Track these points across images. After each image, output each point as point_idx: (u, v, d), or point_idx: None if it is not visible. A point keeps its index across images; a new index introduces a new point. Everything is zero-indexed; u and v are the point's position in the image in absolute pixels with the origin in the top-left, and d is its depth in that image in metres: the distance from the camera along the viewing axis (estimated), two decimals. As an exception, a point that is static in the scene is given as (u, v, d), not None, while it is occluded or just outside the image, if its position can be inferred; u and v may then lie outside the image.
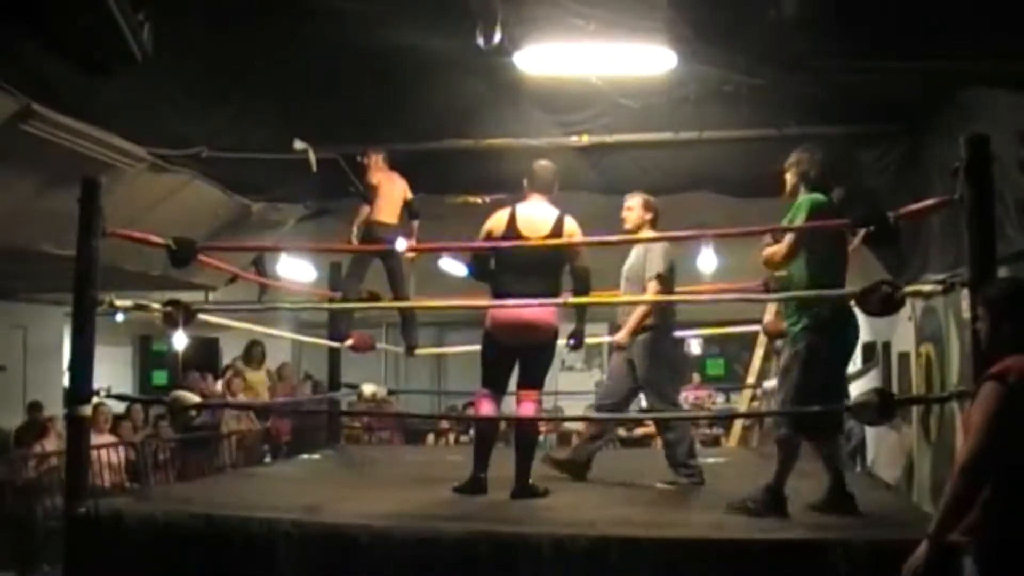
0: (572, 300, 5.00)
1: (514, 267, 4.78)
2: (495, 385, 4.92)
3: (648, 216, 5.43)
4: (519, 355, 4.84)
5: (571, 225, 4.90)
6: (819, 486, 4.29)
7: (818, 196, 4.21)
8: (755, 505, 4.05)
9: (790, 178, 4.36)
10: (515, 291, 4.70)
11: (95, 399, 4.53)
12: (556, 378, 13.26)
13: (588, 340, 5.43)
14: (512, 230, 4.81)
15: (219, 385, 11.36)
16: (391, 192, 6.78)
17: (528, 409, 4.83)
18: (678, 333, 6.25)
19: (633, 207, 5.44)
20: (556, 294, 4.88)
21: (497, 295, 4.85)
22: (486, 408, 4.94)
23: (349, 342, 7.09)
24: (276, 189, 7.92)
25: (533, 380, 4.88)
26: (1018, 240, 4.88)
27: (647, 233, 5.35)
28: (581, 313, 5.23)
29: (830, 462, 4.23)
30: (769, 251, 4.28)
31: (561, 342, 5.09)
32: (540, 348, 4.85)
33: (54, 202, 5.90)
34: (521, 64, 5.67)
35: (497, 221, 4.90)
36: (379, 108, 6.71)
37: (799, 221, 4.17)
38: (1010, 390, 2.76)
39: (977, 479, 2.75)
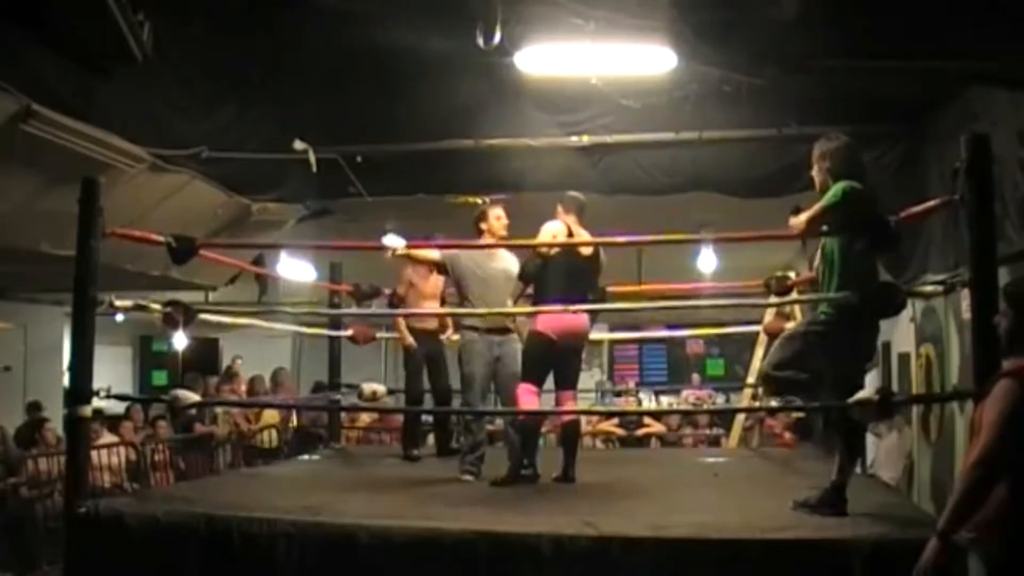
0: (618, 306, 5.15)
1: (573, 276, 5.27)
2: (539, 382, 5.32)
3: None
4: (564, 357, 5.35)
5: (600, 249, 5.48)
6: (815, 484, 4.28)
7: (852, 183, 4.07)
8: (815, 501, 4.01)
9: (818, 174, 4.24)
10: (570, 298, 5.13)
11: (95, 401, 4.51)
12: (556, 378, 13.31)
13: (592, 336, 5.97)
14: (568, 247, 5.26)
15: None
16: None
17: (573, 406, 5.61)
18: (678, 333, 6.64)
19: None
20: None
21: (552, 301, 5.18)
22: (534, 401, 5.28)
23: (349, 332, 7.11)
24: (276, 189, 7.92)
25: (573, 381, 5.48)
26: (1018, 240, 4.88)
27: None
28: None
29: (846, 456, 4.12)
30: (794, 220, 4.16)
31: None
32: (580, 352, 5.54)
33: (54, 202, 5.90)
34: (521, 64, 5.68)
35: (557, 230, 5.31)
36: (379, 108, 6.70)
37: (827, 200, 4.08)
38: None
39: (989, 476, 2.74)
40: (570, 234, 5.31)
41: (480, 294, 5.52)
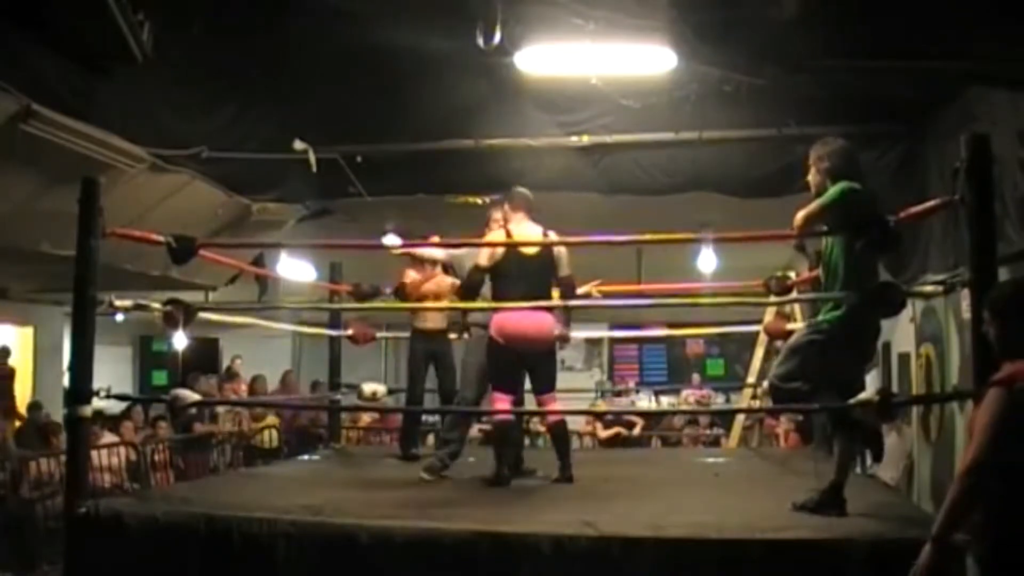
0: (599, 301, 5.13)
1: (513, 281, 5.11)
2: (509, 387, 5.26)
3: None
4: (528, 362, 5.23)
5: (554, 239, 5.24)
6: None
7: (851, 183, 4.05)
8: (813, 504, 4.03)
9: (813, 177, 4.19)
10: (517, 303, 5.03)
11: (95, 401, 4.51)
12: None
13: (590, 336, 5.83)
14: (511, 249, 5.14)
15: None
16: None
17: (557, 408, 5.43)
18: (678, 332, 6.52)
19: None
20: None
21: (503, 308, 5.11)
22: (504, 408, 5.23)
23: (349, 332, 7.11)
24: (276, 189, 7.93)
25: (548, 384, 5.33)
26: (1018, 240, 4.88)
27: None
28: (567, 318, 5.47)
29: (846, 456, 4.15)
30: (799, 215, 4.12)
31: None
32: (546, 355, 5.30)
33: (54, 202, 5.90)
34: (521, 64, 5.68)
35: (495, 239, 5.24)
36: (379, 108, 6.71)
37: (825, 199, 4.06)
38: (1015, 396, 2.77)
39: (979, 482, 2.76)
40: (509, 237, 5.21)
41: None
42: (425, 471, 5.40)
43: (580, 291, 5.61)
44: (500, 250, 5.16)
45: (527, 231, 5.28)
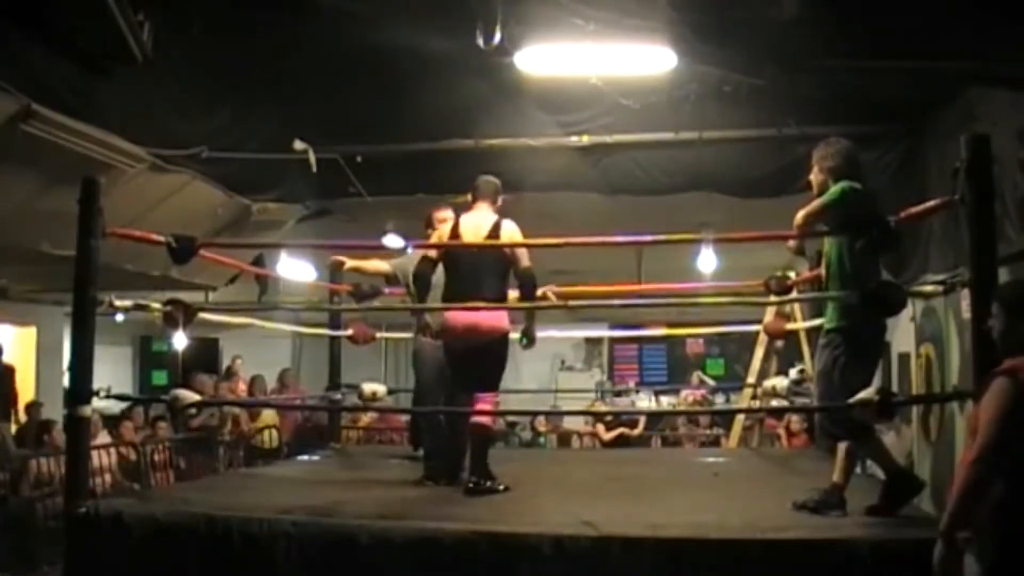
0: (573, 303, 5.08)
1: (460, 272, 4.96)
2: (462, 386, 5.06)
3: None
4: (469, 356, 4.94)
5: (508, 229, 4.97)
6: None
7: (851, 183, 4.11)
8: (813, 504, 4.05)
9: (816, 176, 4.26)
10: (462, 295, 4.88)
11: (95, 401, 4.51)
12: (556, 377, 13.36)
13: (590, 335, 5.66)
14: (455, 238, 5.01)
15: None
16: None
17: (482, 409, 5.00)
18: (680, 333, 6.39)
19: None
20: (502, 296, 5.02)
21: (447, 300, 4.98)
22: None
23: (348, 332, 7.10)
24: (276, 189, 7.93)
25: (483, 382, 4.99)
26: (1018, 240, 4.88)
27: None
28: (530, 313, 5.25)
29: (852, 458, 4.18)
30: (800, 214, 4.18)
31: (515, 335, 5.14)
32: (485, 349, 4.92)
33: (54, 202, 5.90)
34: (521, 64, 5.68)
35: (442, 231, 5.17)
36: (379, 108, 6.71)
37: (826, 198, 4.11)
38: (1020, 386, 2.77)
39: (985, 474, 2.76)
40: (455, 229, 5.04)
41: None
42: (426, 480, 5.36)
43: (537, 292, 5.28)
44: (445, 237, 5.05)
45: (478, 220, 5.05)
